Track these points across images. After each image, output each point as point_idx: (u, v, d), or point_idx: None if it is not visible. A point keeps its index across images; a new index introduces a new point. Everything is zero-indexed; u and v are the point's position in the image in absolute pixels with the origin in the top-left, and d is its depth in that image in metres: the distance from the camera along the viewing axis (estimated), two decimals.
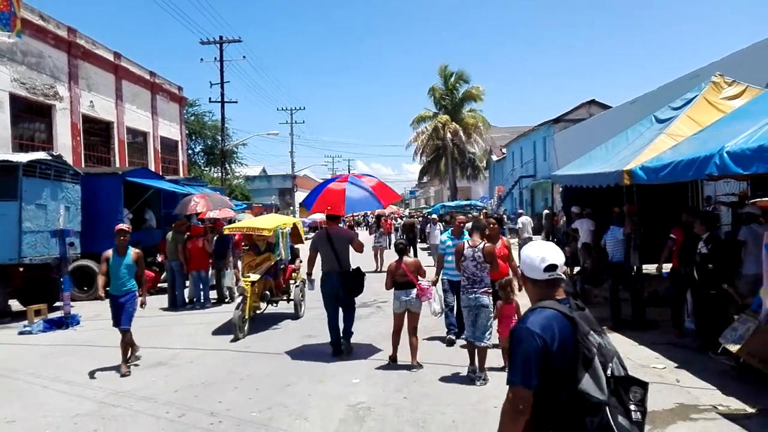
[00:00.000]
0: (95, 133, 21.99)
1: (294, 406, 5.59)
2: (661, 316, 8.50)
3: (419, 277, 6.84)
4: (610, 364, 2.22)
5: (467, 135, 42.20)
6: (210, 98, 33.37)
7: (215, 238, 12.47)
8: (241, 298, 8.97)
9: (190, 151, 36.40)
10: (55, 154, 12.76)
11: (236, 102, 40.28)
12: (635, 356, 6.86)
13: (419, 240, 24.36)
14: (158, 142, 26.80)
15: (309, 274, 8.01)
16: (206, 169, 39.60)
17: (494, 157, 47.44)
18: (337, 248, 7.51)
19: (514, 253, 7.48)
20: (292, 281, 10.70)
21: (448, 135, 41.47)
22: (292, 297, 10.40)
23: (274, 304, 10.51)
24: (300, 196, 57.11)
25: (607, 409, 2.15)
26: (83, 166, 18.93)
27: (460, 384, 6.14)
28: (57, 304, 11.59)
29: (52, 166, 11.72)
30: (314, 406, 5.60)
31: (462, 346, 7.36)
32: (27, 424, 5.42)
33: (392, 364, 6.89)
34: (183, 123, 30.63)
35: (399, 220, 30.66)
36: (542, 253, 2.39)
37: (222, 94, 32.03)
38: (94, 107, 21.42)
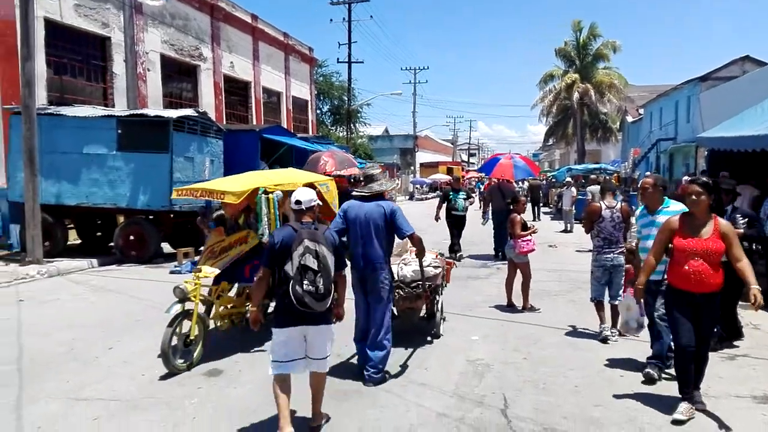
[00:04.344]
0: (234, 92, 23.45)
1: (416, 355, 5.80)
2: None
3: (517, 234, 7.69)
4: (305, 257, 3.79)
5: (600, 94, 39.71)
6: (338, 59, 34.15)
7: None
8: (177, 306, 5.37)
9: (318, 111, 37.70)
10: (201, 111, 13.83)
11: (362, 62, 41.32)
12: None
13: (542, 204, 23.64)
14: (290, 101, 28.04)
15: (484, 212, 13.32)
16: (332, 128, 40.85)
17: (629, 119, 44.32)
18: (506, 196, 11.39)
19: None
20: None
21: (576, 94, 39.29)
22: None
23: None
24: (421, 156, 57.39)
25: (292, 281, 3.77)
26: (224, 123, 20.33)
27: (582, 349, 6.01)
28: (201, 248, 12.68)
29: (199, 122, 12.74)
30: (435, 357, 5.78)
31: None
32: None
33: (510, 311, 7.72)
34: (313, 83, 31.70)
35: (519, 183, 29.76)
36: (296, 195, 4.13)
37: (349, 55, 32.70)
38: (234, 68, 22.77)
